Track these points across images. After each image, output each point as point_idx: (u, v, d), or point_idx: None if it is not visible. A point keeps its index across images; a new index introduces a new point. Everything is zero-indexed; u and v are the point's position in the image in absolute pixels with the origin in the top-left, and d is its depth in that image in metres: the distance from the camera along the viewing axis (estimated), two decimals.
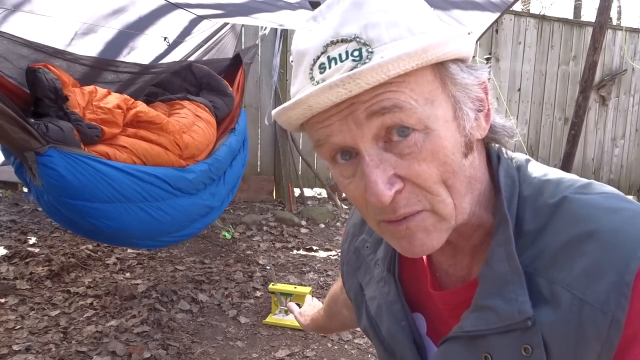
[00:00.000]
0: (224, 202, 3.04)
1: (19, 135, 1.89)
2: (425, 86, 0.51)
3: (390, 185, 0.52)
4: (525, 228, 0.57)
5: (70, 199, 2.06)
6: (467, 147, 0.55)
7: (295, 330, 2.76)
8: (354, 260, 0.78)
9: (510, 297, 0.54)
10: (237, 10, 3.01)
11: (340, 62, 0.51)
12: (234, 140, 3.13)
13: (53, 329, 2.57)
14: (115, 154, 2.28)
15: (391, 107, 0.50)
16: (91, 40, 2.69)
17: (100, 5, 2.53)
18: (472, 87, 0.56)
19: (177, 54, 3.54)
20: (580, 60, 6.03)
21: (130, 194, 2.23)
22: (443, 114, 0.53)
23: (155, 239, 2.55)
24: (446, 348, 0.62)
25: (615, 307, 0.49)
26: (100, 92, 2.51)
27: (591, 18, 7.05)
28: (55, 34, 2.43)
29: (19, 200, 4.63)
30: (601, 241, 0.51)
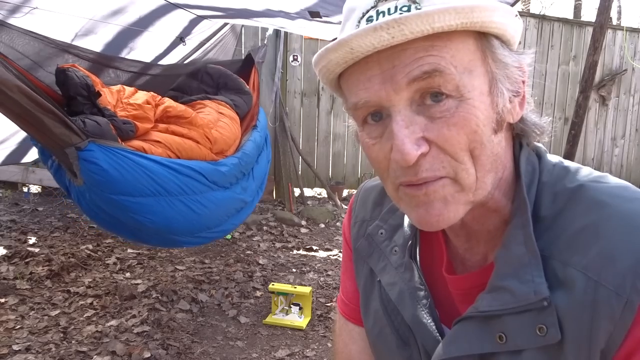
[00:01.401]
0: (255, 197, 3.04)
1: (60, 130, 1.86)
2: (466, 54, 0.52)
3: (417, 146, 0.52)
4: (542, 213, 0.58)
5: (113, 194, 2.04)
6: (497, 124, 0.56)
7: (295, 330, 2.76)
8: (366, 247, 0.77)
9: (526, 279, 0.55)
10: (235, 13, 3.01)
11: (388, 15, 0.51)
12: (258, 136, 3.13)
13: (53, 329, 2.57)
14: (150, 148, 2.28)
15: (432, 71, 0.51)
16: (90, 41, 2.69)
17: (100, 5, 2.53)
18: (512, 68, 0.57)
19: (177, 54, 3.54)
20: (580, 60, 6.03)
21: (170, 187, 2.22)
22: (479, 85, 0.53)
23: (196, 234, 2.53)
24: (460, 328, 0.62)
25: (631, 290, 0.50)
26: (127, 90, 2.53)
27: (591, 18, 7.05)
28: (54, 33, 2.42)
29: (19, 200, 4.63)
30: (617, 226, 0.53)
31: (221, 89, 3.23)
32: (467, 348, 0.61)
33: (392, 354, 0.72)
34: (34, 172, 4.81)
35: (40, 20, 2.27)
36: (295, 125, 5.39)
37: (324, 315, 2.93)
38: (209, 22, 3.41)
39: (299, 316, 2.85)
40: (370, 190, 0.82)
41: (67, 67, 2.20)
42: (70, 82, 2.15)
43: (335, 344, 0.92)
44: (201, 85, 3.22)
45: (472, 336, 0.60)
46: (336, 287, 3.35)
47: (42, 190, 4.94)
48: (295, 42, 5.28)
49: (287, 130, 5.10)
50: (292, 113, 5.37)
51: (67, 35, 2.55)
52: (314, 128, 5.53)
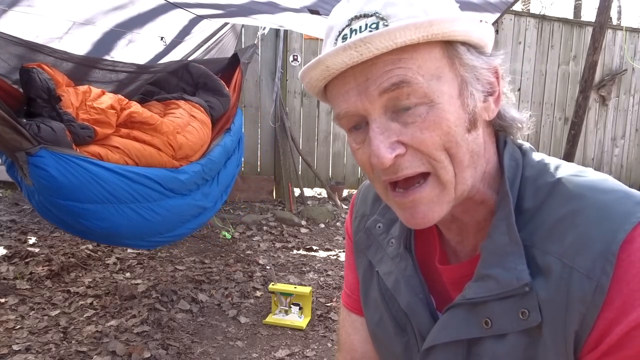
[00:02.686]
0: (217, 202, 3.05)
1: (11, 136, 1.88)
2: (433, 62, 0.57)
3: (391, 150, 0.57)
4: (525, 206, 0.62)
5: (61, 200, 2.06)
6: (470, 123, 0.60)
7: (295, 330, 2.76)
8: (364, 239, 0.82)
9: (510, 267, 0.59)
10: (236, 11, 3.01)
11: (359, 33, 0.57)
12: (229, 140, 3.12)
13: (53, 329, 2.57)
14: (107, 154, 2.28)
15: (399, 82, 0.56)
16: (88, 32, 2.68)
17: (100, 2, 2.53)
18: (482, 70, 0.61)
19: (177, 53, 3.54)
20: (580, 60, 6.03)
21: (121, 194, 2.23)
22: (448, 90, 0.58)
23: (146, 239, 2.55)
24: (449, 315, 0.66)
25: (600, 273, 0.53)
26: (94, 92, 2.51)
27: (591, 18, 7.05)
28: (50, 26, 2.42)
29: (19, 200, 4.63)
30: (591, 215, 0.56)
31: (200, 88, 3.23)
32: (455, 334, 0.64)
33: (391, 340, 0.76)
34: None
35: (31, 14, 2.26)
36: (295, 125, 5.39)
37: (324, 315, 2.93)
38: (209, 22, 3.41)
39: (299, 316, 2.85)
40: (370, 187, 0.87)
41: (32, 67, 2.19)
42: (32, 83, 2.15)
43: (339, 335, 0.95)
44: (180, 82, 3.21)
45: (461, 322, 0.64)
46: (336, 287, 3.35)
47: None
48: (295, 42, 5.28)
49: (287, 130, 5.10)
50: (292, 113, 5.37)
51: (63, 27, 2.53)
52: (314, 128, 5.53)
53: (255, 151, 5.31)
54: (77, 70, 2.62)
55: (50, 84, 2.20)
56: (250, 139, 5.18)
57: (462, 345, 0.65)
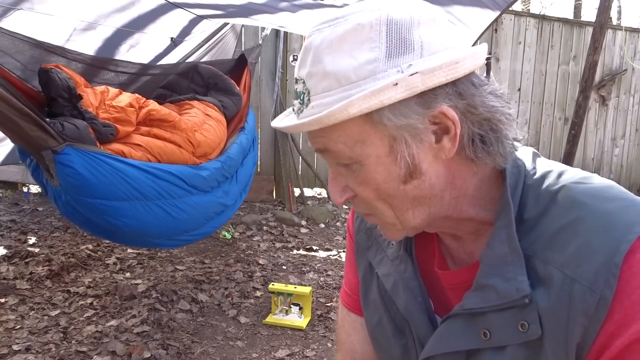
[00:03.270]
0: (237, 200, 3.03)
1: (36, 134, 1.87)
2: (354, 131, 0.57)
3: (342, 193, 0.64)
4: (526, 214, 0.61)
5: (88, 198, 2.04)
6: (407, 175, 0.59)
7: (295, 330, 2.76)
8: (365, 240, 0.82)
9: (509, 277, 0.58)
10: (236, 11, 3.01)
11: (297, 99, 0.61)
12: (244, 138, 3.12)
13: (53, 329, 2.57)
14: (130, 152, 2.27)
15: (323, 149, 0.61)
16: (89, 37, 2.69)
17: (101, 3, 2.53)
18: (418, 123, 0.57)
19: (177, 53, 3.54)
20: (580, 60, 6.03)
21: (147, 191, 2.22)
22: (375, 151, 0.58)
23: (172, 237, 2.53)
24: (447, 325, 0.65)
25: (604, 286, 0.52)
26: (112, 91, 2.52)
27: (591, 18, 7.04)
28: (53, 31, 2.42)
29: (19, 200, 4.63)
30: (594, 225, 0.55)
31: (211, 89, 3.23)
32: (453, 345, 0.64)
33: (389, 342, 0.75)
34: None
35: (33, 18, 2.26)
36: None
37: (324, 315, 2.93)
38: (209, 22, 3.41)
39: (299, 316, 2.85)
40: None
41: (50, 67, 2.19)
42: (52, 83, 2.15)
43: (338, 335, 0.94)
44: (191, 84, 3.21)
45: (459, 333, 0.63)
46: (336, 287, 3.35)
47: (42, 190, 4.94)
48: (295, 42, 5.28)
49: None
50: None
51: (66, 32, 2.54)
52: None
53: None
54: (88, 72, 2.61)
55: (70, 83, 2.20)
56: None
57: (461, 356, 0.64)
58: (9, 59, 2.16)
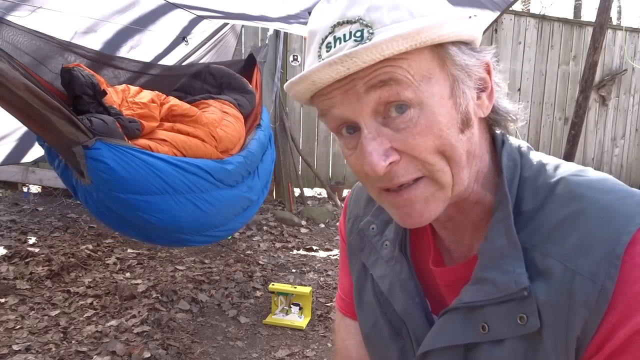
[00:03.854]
0: (261, 196, 3.03)
1: (67, 129, 1.85)
2: (422, 64, 0.54)
3: (385, 157, 0.55)
4: (524, 206, 0.60)
5: (120, 193, 2.03)
6: (463, 123, 0.58)
7: (295, 330, 2.76)
8: (357, 242, 0.80)
9: (507, 270, 0.58)
10: (236, 16, 3.01)
11: (343, 42, 0.54)
12: (262, 135, 3.12)
13: (53, 329, 2.57)
14: (157, 147, 2.27)
15: (388, 80, 0.53)
16: (89, 39, 2.69)
17: (101, 4, 2.53)
18: (473, 68, 0.59)
19: (177, 53, 3.54)
20: (580, 60, 6.03)
21: (177, 184, 2.21)
22: (439, 91, 0.55)
23: (203, 233, 2.52)
24: (445, 319, 0.64)
25: (605, 277, 0.52)
26: (132, 89, 2.54)
27: (591, 18, 7.04)
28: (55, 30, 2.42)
29: (19, 200, 4.63)
30: (594, 217, 0.55)
31: (224, 88, 3.24)
32: (452, 339, 0.63)
33: (386, 345, 0.74)
34: (34, 172, 4.81)
35: (41, 18, 2.27)
36: (295, 125, 5.39)
37: (324, 315, 2.93)
38: (209, 22, 3.41)
39: (299, 316, 2.85)
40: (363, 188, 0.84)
41: (72, 66, 2.21)
42: (76, 81, 2.15)
43: (335, 340, 0.93)
44: (204, 85, 3.22)
45: (457, 327, 0.62)
46: (336, 287, 3.35)
47: (42, 190, 4.94)
48: (295, 42, 5.28)
49: (287, 130, 5.10)
50: (292, 113, 5.37)
51: (68, 33, 2.55)
52: (314, 128, 5.53)
53: None
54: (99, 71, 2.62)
55: (94, 79, 2.20)
56: None
57: (459, 350, 0.63)
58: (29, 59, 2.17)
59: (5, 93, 1.68)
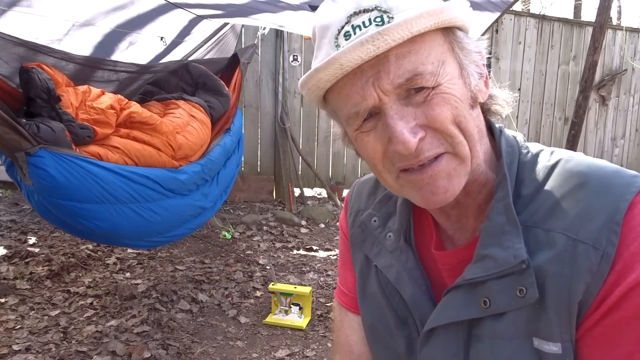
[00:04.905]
0: (217, 202, 3.05)
1: (10, 136, 1.88)
2: (438, 49, 0.59)
3: (414, 134, 0.58)
4: (524, 189, 0.64)
5: (60, 200, 2.06)
6: (473, 100, 0.63)
7: (295, 330, 2.76)
8: (359, 234, 0.82)
9: (507, 245, 0.61)
10: (236, 11, 3.01)
11: (364, 28, 0.57)
12: (229, 140, 3.13)
13: (53, 329, 2.57)
14: (107, 154, 2.28)
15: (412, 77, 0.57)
16: (88, 33, 2.68)
17: (100, 2, 2.53)
18: (474, 54, 0.64)
19: (177, 53, 3.54)
20: (580, 60, 6.03)
21: (120, 194, 2.23)
22: (451, 71, 0.60)
23: (145, 239, 2.55)
24: (449, 297, 0.67)
25: (606, 243, 0.55)
26: (93, 92, 2.51)
27: (591, 18, 7.04)
28: (49, 28, 2.42)
29: (19, 200, 4.63)
30: (593, 189, 0.58)
31: (199, 88, 3.24)
32: (455, 315, 0.65)
33: (392, 335, 0.75)
34: None
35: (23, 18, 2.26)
36: (295, 125, 5.39)
37: (324, 315, 2.93)
38: (209, 22, 3.41)
39: (299, 316, 2.85)
40: (364, 183, 0.88)
41: (31, 66, 2.19)
42: (32, 83, 2.15)
43: (335, 337, 0.93)
44: (180, 82, 3.22)
45: (460, 303, 0.65)
46: (336, 287, 3.35)
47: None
48: (295, 42, 5.28)
49: (287, 130, 5.10)
50: (292, 113, 5.37)
51: (63, 28, 2.53)
52: (314, 128, 5.53)
53: (255, 151, 5.31)
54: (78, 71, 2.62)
55: (50, 84, 2.20)
56: (250, 139, 5.18)
57: (463, 327, 0.65)
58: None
59: None
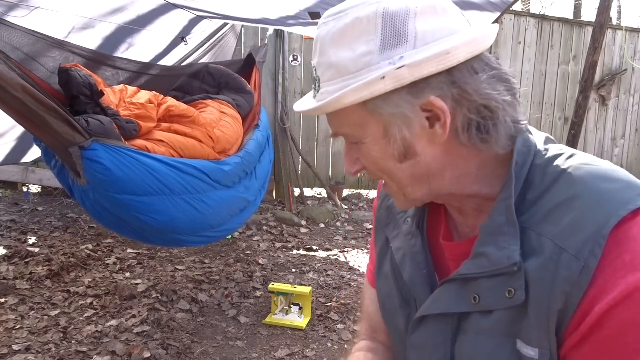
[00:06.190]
0: (258, 197, 3.04)
1: (64, 129, 1.85)
2: (354, 117, 0.64)
3: (354, 165, 0.70)
4: (531, 191, 0.64)
5: (117, 194, 2.03)
6: (402, 155, 0.65)
7: (295, 330, 2.76)
8: (385, 217, 0.86)
9: (503, 246, 0.61)
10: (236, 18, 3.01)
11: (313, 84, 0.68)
12: (260, 135, 3.12)
13: (53, 329, 2.57)
14: (154, 147, 2.27)
15: (335, 134, 0.69)
16: (88, 35, 2.69)
17: (100, 2, 2.53)
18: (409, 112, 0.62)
19: (177, 53, 3.54)
20: (580, 60, 6.03)
21: (174, 185, 2.21)
22: (372, 133, 0.65)
23: (199, 233, 2.52)
24: (443, 289, 0.70)
25: (589, 255, 0.54)
26: (130, 89, 2.54)
27: (591, 18, 7.03)
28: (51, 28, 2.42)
29: (19, 200, 4.63)
30: (589, 201, 0.58)
31: (223, 88, 3.23)
32: (445, 307, 0.68)
33: (396, 312, 0.80)
34: (34, 172, 4.81)
35: (38, 17, 2.27)
36: (295, 125, 5.39)
37: (324, 315, 2.93)
38: (209, 22, 3.41)
39: (299, 316, 2.85)
40: None
41: (69, 66, 2.20)
42: (74, 81, 2.15)
43: (362, 304, 1.03)
44: (203, 85, 3.22)
45: (452, 296, 0.67)
46: (336, 287, 3.35)
47: (42, 190, 4.94)
48: (296, 42, 5.28)
49: (287, 130, 5.10)
50: (292, 113, 5.37)
51: (64, 30, 2.54)
52: (314, 128, 5.53)
53: None
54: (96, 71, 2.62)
55: (91, 80, 2.20)
56: None
57: (453, 319, 0.68)
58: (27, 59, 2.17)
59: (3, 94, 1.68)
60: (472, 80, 0.61)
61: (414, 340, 0.74)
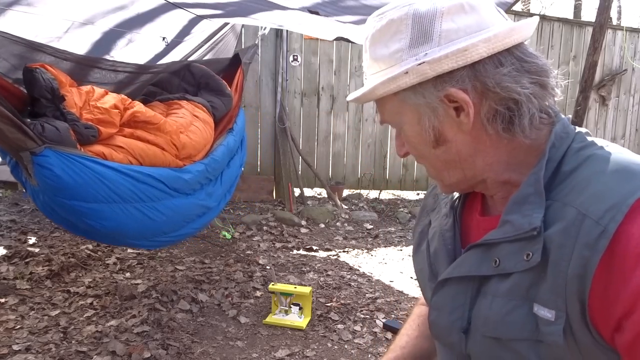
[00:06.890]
0: (221, 202, 3.04)
1: (15, 136, 1.88)
2: (393, 107, 0.73)
3: (401, 148, 0.79)
4: (563, 168, 0.67)
5: (66, 199, 2.05)
6: (435, 141, 0.72)
7: (295, 330, 2.76)
8: (432, 203, 0.92)
9: (527, 214, 0.65)
10: (236, 10, 3.01)
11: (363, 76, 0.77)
12: (232, 140, 3.12)
13: (53, 329, 2.57)
14: (111, 154, 2.28)
15: (382, 120, 0.78)
16: (88, 33, 2.68)
17: (100, 2, 2.53)
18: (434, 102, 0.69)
19: (177, 53, 3.53)
20: (580, 60, 6.03)
21: (125, 194, 2.23)
22: (409, 120, 0.73)
23: (151, 239, 2.55)
24: (468, 254, 0.74)
25: (609, 221, 0.57)
26: (97, 92, 2.51)
27: (591, 18, 7.03)
28: (49, 26, 2.42)
29: (19, 200, 4.63)
30: (617, 175, 0.61)
31: (202, 88, 3.23)
32: (467, 270, 0.72)
33: (425, 285, 0.86)
34: None
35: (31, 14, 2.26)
36: (295, 125, 5.39)
37: (324, 315, 2.93)
38: (209, 22, 3.41)
39: (299, 316, 2.85)
40: None
41: (35, 67, 2.19)
42: (36, 83, 2.15)
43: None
44: (182, 83, 3.21)
45: (474, 261, 0.71)
46: (336, 287, 3.35)
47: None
48: (296, 42, 5.28)
49: (287, 130, 5.10)
50: (292, 113, 5.37)
51: (63, 26, 2.53)
52: (314, 128, 5.53)
53: (255, 151, 5.31)
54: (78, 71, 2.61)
55: (54, 84, 2.20)
56: (250, 139, 5.16)
57: (474, 282, 0.71)
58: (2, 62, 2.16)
59: None
60: (493, 74, 0.66)
61: (435, 302, 0.78)
